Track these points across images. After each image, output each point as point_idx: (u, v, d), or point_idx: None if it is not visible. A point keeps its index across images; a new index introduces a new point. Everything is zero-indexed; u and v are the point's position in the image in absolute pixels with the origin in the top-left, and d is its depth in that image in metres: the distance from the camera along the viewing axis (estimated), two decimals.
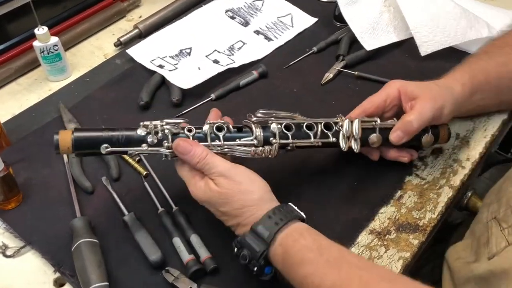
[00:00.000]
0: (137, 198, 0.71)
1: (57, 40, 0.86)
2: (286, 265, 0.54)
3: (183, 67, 0.89)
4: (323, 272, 0.51)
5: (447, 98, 0.68)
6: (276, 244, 0.55)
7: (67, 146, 0.58)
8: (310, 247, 0.53)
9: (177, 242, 0.64)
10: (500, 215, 0.63)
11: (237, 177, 0.58)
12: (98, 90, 0.87)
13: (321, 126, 0.65)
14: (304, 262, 0.53)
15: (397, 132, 0.66)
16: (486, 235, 0.65)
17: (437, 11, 0.90)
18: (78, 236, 0.63)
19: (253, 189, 0.58)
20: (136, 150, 0.60)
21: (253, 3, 1.05)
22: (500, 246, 0.60)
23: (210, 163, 0.58)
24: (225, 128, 0.62)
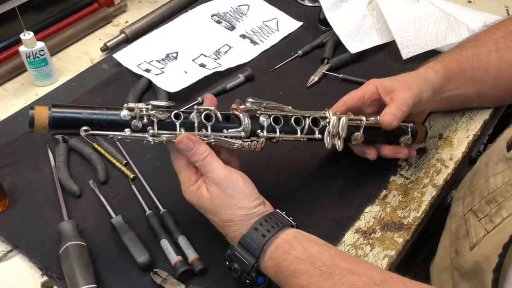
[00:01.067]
0: (124, 201, 0.71)
1: (43, 45, 0.86)
2: (280, 277, 0.55)
3: (169, 71, 0.90)
4: (318, 282, 0.52)
5: (422, 84, 0.71)
6: (267, 257, 0.56)
7: (43, 123, 0.52)
8: (301, 258, 0.54)
9: (164, 243, 0.65)
10: (476, 206, 0.65)
11: (229, 190, 0.57)
12: (85, 94, 0.87)
13: (308, 121, 0.65)
14: (297, 274, 0.53)
15: (389, 116, 0.67)
16: (464, 227, 0.66)
17: (418, 15, 0.92)
18: (66, 239, 0.63)
19: (242, 204, 0.57)
20: (119, 134, 0.56)
21: (238, 7, 1.06)
22: (480, 236, 0.62)
23: (208, 166, 0.58)
24: (213, 116, 0.60)
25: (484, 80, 0.75)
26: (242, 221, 0.57)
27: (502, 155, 0.63)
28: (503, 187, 0.60)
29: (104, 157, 0.76)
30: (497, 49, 0.74)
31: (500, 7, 1.09)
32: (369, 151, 0.72)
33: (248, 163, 0.74)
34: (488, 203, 0.62)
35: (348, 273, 0.52)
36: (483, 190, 0.64)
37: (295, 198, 0.72)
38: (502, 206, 0.59)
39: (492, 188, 0.62)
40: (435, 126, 0.82)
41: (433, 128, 0.82)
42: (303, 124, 0.65)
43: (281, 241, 0.56)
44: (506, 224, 0.58)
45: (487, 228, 0.61)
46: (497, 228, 0.59)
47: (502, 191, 0.60)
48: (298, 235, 0.57)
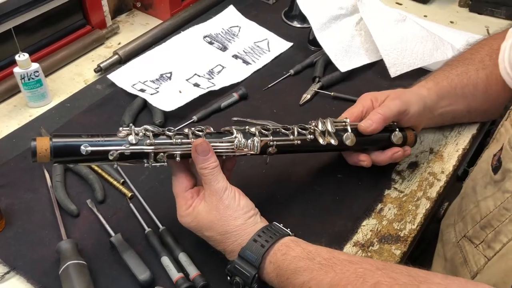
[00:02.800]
0: (123, 220, 0.71)
1: (38, 67, 0.86)
2: (282, 280, 0.55)
3: (164, 91, 0.91)
4: (319, 276, 0.52)
5: (413, 97, 0.74)
6: (267, 263, 0.56)
7: (45, 153, 0.55)
8: (300, 256, 0.55)
9: (165, 261, 0.65)
10: (470, 232, 0.66)
11: (226, 201, 0.59)
12: (80, 114, 0.87)
13: (296, 128, 0.68)
14: (298, 272, 0.54)
15: (367, 120, 0.70)
16: (460, 255, 0.67)
17: (405, 35, 0.95)
18: (66, 258, 0.63)
19: (238, 215, 0.59)
20: (117, 149, 0.58)
21: (230, 29, 1.08)
22: (480, 264, 0.63)
23: (215, 175, 0.59)
24: (205, 131, 0.63)
25: (474, 95, 0.78)
26: (239, 231, 0.58)
27: (489, 178, 0.64)
28: (497, 211, 0.61)
29: (101, 177, 0.76)
30: (484, 67, 0.77)
31: (481, 27, 1.13)
32: (363, 157, 0.74)
33: (246, 179, 0.76)
34: (483, 228, 0.63)
35: (349, 263, 0.53)
36: (475, 215, 0.65)
37: (292, 212, 0.73)
38: (499, 231, 0.60)
39: (485, 212, 0.63)
40: (425, 141, 0.85)
41: (423, 143, 0.84)
42: (292, 130, 0.67)
43: (279, 245, 0.57)
44: (507, 250, 0.58)
45: (487, 254, 0.61)
46: (498, 255, 0.60)
47: (496, 215, 0.61)
48: (295, 239, 0.58)
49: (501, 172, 0.61)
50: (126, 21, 1.14)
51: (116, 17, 1.14)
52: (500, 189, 0.61)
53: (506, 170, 0.59)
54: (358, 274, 0.51)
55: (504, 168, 0.60)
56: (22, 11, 0.88)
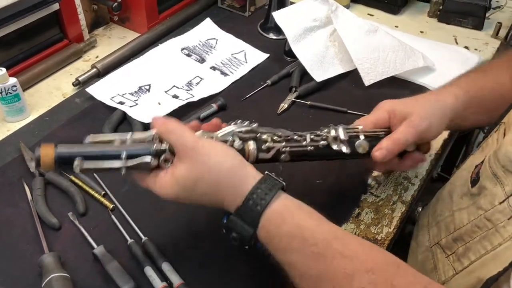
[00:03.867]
0: (105, 232, 0.72)
1: (15, 81, 0.86)
2: (271, 248, 0.54)
3: (143, 103, 0.92)
4: (308, 263, 0.51)
5: (436, 115, 0.68)
6: (260, 225, 0.54)
7: (49, 161, 0.55)
8: (293, 235, 0.53)
9: (148, 271, 0.65)
10: (443, 242, 0.66)
11: (204, 149, 0.55)
12: (59, 128, 0.88)
13: (309, 135, 0.66)
14: (287, 251, 0.53)
15: (381, 150, 0.67)
16: (431, 261, 0.68)
17: (377, 45, 0.99)
18: (48, 271, 0.63)
19: (221, 158, 0.55)
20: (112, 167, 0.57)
21: (207, 41, 1.10)
22: (449, 274, 0.63)
23: (182, 130, 0.57)
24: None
25: (498, 103, 0.72)
26: (230, 175, 0.55)
27: (466, 189, 0.64)
28: (469, 227, 0.61)
29: (82, 189, 0.77)
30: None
31: (449, 37, 1.18)
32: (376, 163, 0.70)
33: None
34: (455, 241, 0.63)
35: (341, 257, 0.50)
36: (449, 224, 0.65)
37: None
38: (469, 248, 0.60)
39: (458, 225, 0.63)
40: None
41: None
42: (304, 137, 0.66)
43: (273, 212, 0.54)
44: (474, 268, 0.59)
45: (456, 267, 0.62)
46: (465, 271, 0.60)
47: (468, 230, 0.61)
48: (289, 204, 0.55)
49: (478, 186, 0.61)
50: (103, 34, 1.15)
51: (93, 31, 1.15)
52: (475, 203, 0.61)
53: (483, 187, 0.60)
54: (346, 273, 0.49)
55: (481, 184, 0.60)
56: (0, 25, 0.88)
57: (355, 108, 0.93)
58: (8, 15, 0.89)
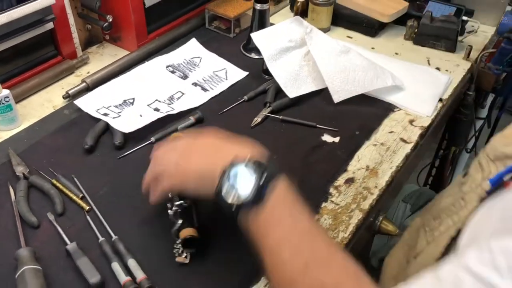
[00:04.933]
0: (80, 231, 0.77)
1: (8, 93, 0.94)
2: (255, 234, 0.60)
3: (126, 115, 0.98)
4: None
5: None
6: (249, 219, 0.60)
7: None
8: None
9: (115, 266, 0.71)
10: (426, 222, 0.74)
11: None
12: (47, 136, 0.95)
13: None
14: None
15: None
16: (415, 239, 0.75)
17: (348, 65, 1.05)
18: (22, 264, 0.68)
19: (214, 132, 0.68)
20: None
21: (191, 59, 1.17)
22: (422, 246, 0.71)
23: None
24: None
25: None
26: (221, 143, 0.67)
27: (458, 179, 0.73)
28: (448, 205, 0.69)
29: (62, 192, 0.83)
30: None
31: (423, 58, 1.24)
32: None
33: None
34: (435, 219, 0.72)
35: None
36: (441, 210, 0.73)
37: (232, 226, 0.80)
38: (443, 222, 0.68)
39: (441, 206, 0.72)
40: (363, 160, 0.93)
41: (361, 161, 0.93)
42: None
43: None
44: (439, 237, 0.66)
45: (429, 239, 0.70)
46: (434, 239, 0.68)
47: (446, 209, 0.69)
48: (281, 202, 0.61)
49: (466, 175, 0.70)
50: (96, 52, 1.23)
51: (87, 48, 1.23)
52: (460, 190, 0.69)
53: (469, 175, 0.68)
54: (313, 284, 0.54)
55: (468, 173, 0.69)
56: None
57: (324, 123, 0.99)
58: (5, 32, 0.97)
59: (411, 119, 1.03)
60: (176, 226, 0.72)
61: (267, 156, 0.64)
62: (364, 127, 1.00)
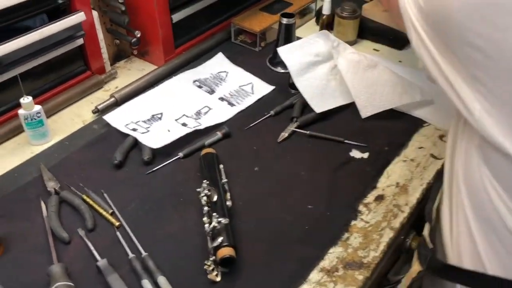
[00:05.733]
0: (110, 247, 0.78)
1: (40, 108, 0.96)
2: None
3: (154, 130, 0.99)
4: None
5: None
6: None
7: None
8: None
9: (145, 283, 0.71)
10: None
11: None
12: (76, 151, 0.96)
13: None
14: None
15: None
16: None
17: (376, 79, 1.04)
18: (55, 280, 0.69)
19: None
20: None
21: (218, 74, 1.18)
22: None
23: None
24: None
25: None
26: None
27: None
28: None
29: (92, 207, 0.84)
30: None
31: None
32: None
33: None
34: None
35: None
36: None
37: (263, 239, 0.79)
38: None
39: None
40: (392, 176, 0.92)
41: (391, 178, 0.91)
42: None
43: None
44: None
45: None
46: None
47: None
48: None
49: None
50: (124, 66, 1.24)
51: (115, 63, 1.25)
52: None
53: None
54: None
55: None
56: (27, 59, 0.98)
57: (352, 139, 0.98)
58: (38, 49, 1.00)
59: (441, 134, 1.01)
60: (215, 243, 0.72)
61: None
62: (393, 143, 0.99)
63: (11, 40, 0.93)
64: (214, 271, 0.73)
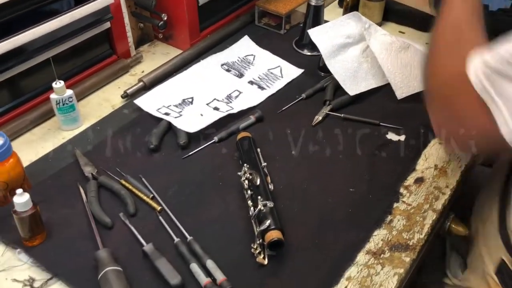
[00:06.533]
0: (153, 231, 0.77)
1: (71, 93, 0.94)
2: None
3: (187, 114, 0.98)
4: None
5: None
6: None
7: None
8: None
9: (194, 267, 0.71)
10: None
11: None
12: (110, 136, 0.95)
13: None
14: None
15: None
16: None
17: (409, 61, 1.03)
18: (103, 265, 0.69)
19: None
20: None
21: (245, 57, 1.16)
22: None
23: None
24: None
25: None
26: None
27: None
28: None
29: (132, 192, 0.83)
30: None
31: None
32: None
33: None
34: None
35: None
36: None
37: (308, 223, 0.79)
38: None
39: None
40: (430, 158, 0.91)
41: (428, 160, 0.91)
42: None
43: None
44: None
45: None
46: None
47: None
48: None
49: None
50: (148, 51, 1.23)
51: (139, 47, 1.23)
52: None
53: None
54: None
55: None
56: (57, 43, 0.97)
57: (387, 121, 0.97)
58: (66, 33, 0.98)
59: None
60: (262, 226, 0.71)
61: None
62: (429, 125, 0.97)
63: (42, 23, 0.91)
64: (261, 254, 0.73)
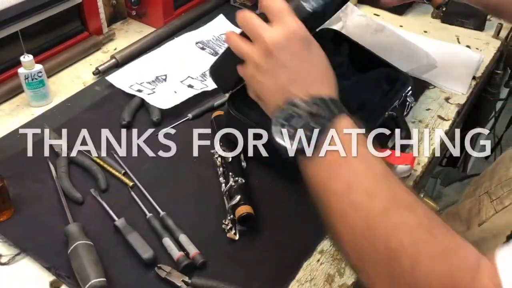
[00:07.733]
0: (125, 207, 0.76)
1: (41, 67, 0.92)
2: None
3: (160, 91, 0.97)
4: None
5: None
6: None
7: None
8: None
9: (167, 241, 0.70)
10: (492, 190, 0.75)
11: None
12: (82, 112, 0.93)
13: None
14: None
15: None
16: (477, 206, 0.76)
17: (383, 43, 1.04)
18: (74, 239, 0.67)
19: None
20: None
21: (220, 36, 1.15)
22: (489, 214, 0.72)
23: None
24: None
25: None
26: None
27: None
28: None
29: (103, 168, 0.81)
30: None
31: (452, 37, 1.23)
32: None
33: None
34: (503, 188, 0.72)
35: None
36: (502, 176, 0.73)
37: (282, 200, 0.79)
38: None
39: (510, 175, 0.72)
40: None
41: None
42: None
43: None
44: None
45: (497, 208, 0.71)
46: (505, 209, 0.69)
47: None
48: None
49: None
50: (121, 28, 1.20)
51: (111, 25, 1.20)
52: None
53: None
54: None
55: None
56: (26, 16, 0.94)
57: None
58: (34, 6, 0.95)
59: (447, 96, 1.02)
60: (233, 201, 0.71)
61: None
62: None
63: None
64: (232, 230, 0.73)
